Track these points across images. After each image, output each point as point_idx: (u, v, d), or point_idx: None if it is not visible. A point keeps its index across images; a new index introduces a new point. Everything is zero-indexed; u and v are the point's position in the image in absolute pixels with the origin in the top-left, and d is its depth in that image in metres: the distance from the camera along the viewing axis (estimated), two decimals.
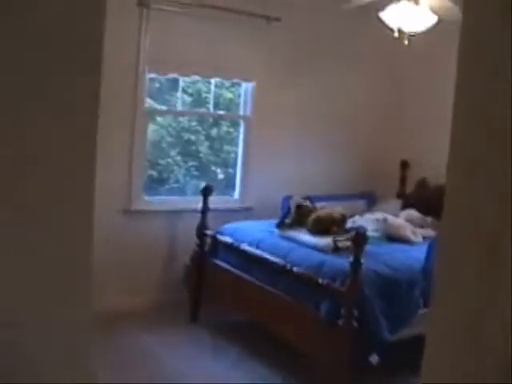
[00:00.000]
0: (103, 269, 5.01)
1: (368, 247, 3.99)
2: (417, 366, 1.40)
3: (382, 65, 6.58)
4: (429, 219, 5.60)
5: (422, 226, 5.46)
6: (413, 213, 5.66)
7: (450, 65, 5.65)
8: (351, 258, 3.87)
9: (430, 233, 5.28)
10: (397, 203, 6.17)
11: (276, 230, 4.96)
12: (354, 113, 6.50)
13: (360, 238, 3.89)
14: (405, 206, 6.03)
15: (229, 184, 6.08)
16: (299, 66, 6.08)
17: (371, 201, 6.35)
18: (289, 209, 5.09)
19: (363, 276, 3.92)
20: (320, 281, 4.04)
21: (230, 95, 6.13)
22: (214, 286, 5.07)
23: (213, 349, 4.77)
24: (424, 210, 5.72)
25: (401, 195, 6.48)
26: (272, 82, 5.89)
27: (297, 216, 4.94)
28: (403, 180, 6.59)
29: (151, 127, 5.64)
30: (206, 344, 4.84)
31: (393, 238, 5.05)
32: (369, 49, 6.41)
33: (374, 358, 3.91)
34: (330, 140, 6.40)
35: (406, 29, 4.27)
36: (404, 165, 6.57)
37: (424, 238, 5.16)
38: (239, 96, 6.04)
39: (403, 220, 5.43)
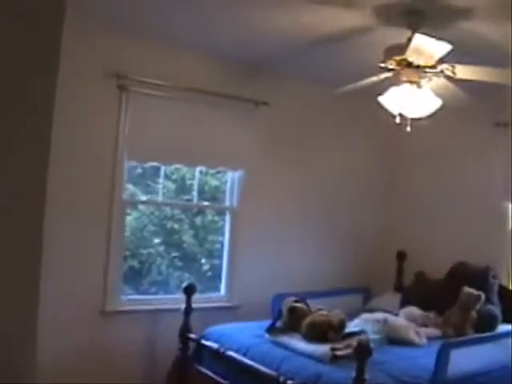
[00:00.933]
0: (78, 376, 4.53)
1: None
2: None
3: (377, 152, 6.43)
4: (431, 315, 5.22)
5: (424, 325, 5.05)
6: (414, 310, 5.25)
7: (452, 149, 5.43)
8: (353, 374, 3.40)
9: (435, 332, 4.92)
10: (395, 298, 5.81)
11: (266, 335, 4.49)
12: (346, 203, 6.28)
13: (363, 350, 3.42)
14: (403, 301, 5.68)
15: (214, 276, 5.71)
16: (288, 152, 5.84)
17: (367, 296, 6.05)
18: (280, 311, 4.64)
19: None
20: None
21: (215, 182, 5.80)
22: None
23: None
24: (424, 305, 5.37)
25: (398, 288, 6.15)
26: (260, 169, 5.61)
27: (290, 320, 4.48)
28: (400, 272, 6.27)
29: (133, 214, 5.33)
30: None
31: (394, 340, 4.60)
32: (362, 135, 6.25)
33: None
34: (321, 232, 6.12)
35: (409, 114, 3.92)
36: (401, 256, 6.25)
37: (428, 338, 4.76)
38: (225, 183, 5.70)
39: (404, 319, 5.01)
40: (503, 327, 4.94)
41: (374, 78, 4.06)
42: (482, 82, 3.89)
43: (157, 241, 5.50)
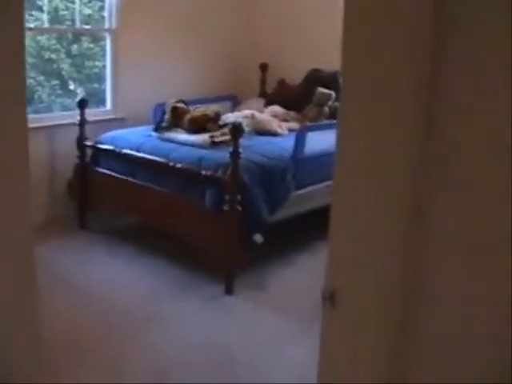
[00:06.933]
0: None
1: (241, 141, 4.33)
2: (297, 242, 1.69)
3: None
4: (292, 113, 6.06)
5: (286, 120, 5.90)
6: (277, 108, 6.07)
7: None
8: (230, 149, 4.23)
9: (294, 125, 5.71)
10: (260, 102, 6.56)
11: (154, 134, 5.20)
12: (215, 22, 6.71)
13: (237, 129, 4.25)
14: (267, 103, 6.45)
15: (95, 101, 6.11)
16: None
17: (235, 102, 6.73)
18: (164, 113, 5.33)
19: (242, 165, 4.31)
20: (203, 172, 4.38)
21: (88, 11, 6.07)
22: (99, 193, 5.25)
23: (106, 251, 5.00)
24: (286, 106, 6.18)
25: (263, 95, 6.88)
26: None
27: (173, 118, 5.20)
28: (263, 82, 6.98)
29: None
30: (99, 248, 5.07)
31: (261, 132, 5.44)
32: None
33: (258, 237, 4.35)
34: (195, 49, 6.60)
35: None
36: (263, 67, 6.95)
37: (289, 130, 5.59)
38: (99, 10, 6.03)
39: (269, 115, 5.82)
40: None
41: None
42: None
43: (36, 72, 5.77)
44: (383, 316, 1.60)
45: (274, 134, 5.44)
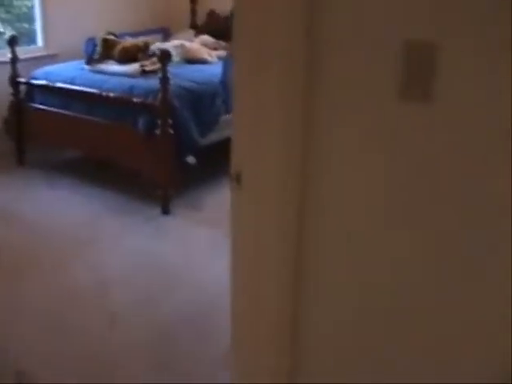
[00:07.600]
0: None
1: (171, 70, 4.51)
2: (229, 164, 1.88)
3: None
4: (222, 42, 6.24)
5: (215, 49, 6.08)
6: (206, 38, 6.25)
7: None
8: (159, 75, 4.41)
9: (223, 53, 5.90)
10: (190, 33, 6.71)
11: (86, 67, 5.34)
12: None
13: (165, 55, 4.42)
14: (197, 34, 6.62)
15: (26, 40, 6.11)
16: None
17: (167, 34, 6.85)
18: (95, 46, 5.45)
19: (172, 91, 4.50)
20: (135, 100, 4.56)
21: None
22: (36, 128, 5.36)
23: (46, 184, 5.15)
24: (216, 36, 6.36)
25: (193, 26, 7.03)
26: None
27: (104, 50, 5.34)
28: (193, 13, 7.11)
29: None
30: (39, 182, 5.21)
31: (191, 60, 5.63)
32: None
33: (191, 159, 4.60)
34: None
35: None
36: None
37: (219, 58, 5.79)
38: None
39: (199, 44, 5.99)
40: None
41: None
42: None
43: None
44: (282, 193, 1.85)
45: (204, 62, 5.63)
